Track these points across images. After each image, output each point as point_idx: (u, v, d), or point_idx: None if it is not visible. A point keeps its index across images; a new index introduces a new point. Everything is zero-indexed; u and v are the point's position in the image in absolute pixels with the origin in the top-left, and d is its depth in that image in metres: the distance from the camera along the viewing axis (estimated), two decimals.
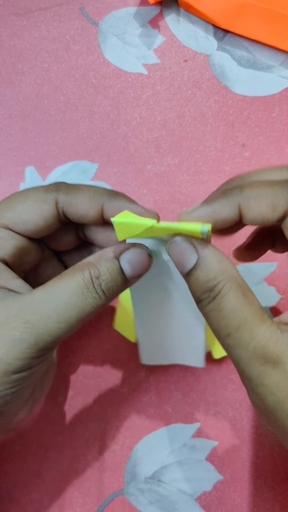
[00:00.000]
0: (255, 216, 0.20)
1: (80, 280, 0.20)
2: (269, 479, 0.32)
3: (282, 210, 0.20)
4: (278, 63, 0.34)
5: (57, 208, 0.23)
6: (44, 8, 0.35)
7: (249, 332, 0.19)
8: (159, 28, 0.34)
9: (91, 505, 0.32)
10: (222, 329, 0.19)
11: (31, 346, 0.20)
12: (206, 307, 0.20)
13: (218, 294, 0.20)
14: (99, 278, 0.21)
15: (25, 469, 0.33)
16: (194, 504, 0.32)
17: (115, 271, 0.21)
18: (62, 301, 0.20)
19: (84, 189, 0.23)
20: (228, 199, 0.21)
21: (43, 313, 0.20)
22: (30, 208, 0.23)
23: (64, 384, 0.33)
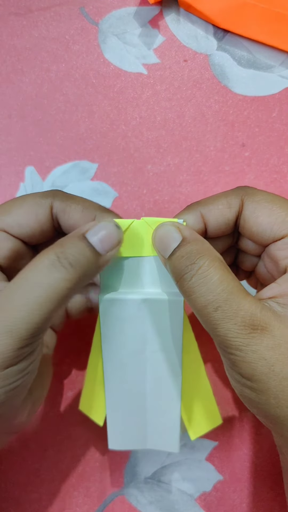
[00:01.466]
0: (216, 216, 0.23)
1: (44, 260, 0.20)
2: (268, 479, 0.32)
3: (236, 205, 0.23)
4: (278, 63, 0.34)
5: (52, 214, 0.24)
6: (44, 8, 0.35)
7: (236, 303, 0.20)
8: (159, 28, 0.34)
9: (91, 505, 0.32)
10: (210, 303, 0.20)
11: (6, 336, 0.19)
12: (191, 280, 0.20)
13: (202, 266, 0.20)
14: (64, 253, 0.21)
15: (24, 468, 0.33)
16: (194, 504, 0.32)
17: (82, 246, 0.21)
18: (28, 283, 0.20)
19: (79, 200, 0.24)
20: (190, 210, 0.24)
21: (14, 299, 0.20)
22: (26, 212, 0.23)
23: (64, 384, 0.33)
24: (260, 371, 0.19)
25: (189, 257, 0.21)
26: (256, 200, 0.23)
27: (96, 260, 0.22)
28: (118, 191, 0.34)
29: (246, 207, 0.23)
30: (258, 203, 0.23)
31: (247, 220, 0.23)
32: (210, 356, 0.32)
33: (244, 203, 0.23)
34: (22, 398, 0.23)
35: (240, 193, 0.24)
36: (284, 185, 0.33)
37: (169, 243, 0.21)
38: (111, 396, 0.26)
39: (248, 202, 0.23)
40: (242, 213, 0.23)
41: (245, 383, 0.20)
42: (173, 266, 0.21)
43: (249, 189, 0.24)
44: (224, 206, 0.23)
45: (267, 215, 0.23)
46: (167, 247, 0.21)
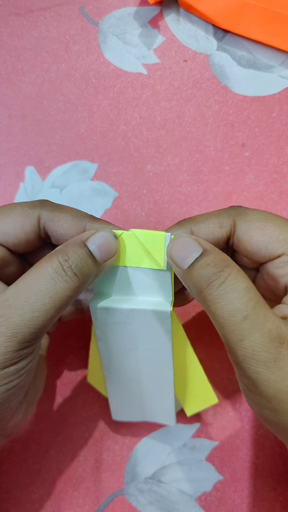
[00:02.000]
0: (206, 234, 0.23)
1: (48, 267, 0.21)
2: (269, 480, 0.32)
3: (228, 225, 0.23)
4: (278, 63, 0.34)
5: (39, 224, 0.24)
6: (44, 8, 0.35)
7: (263, 314, 0.19)
8: (159, 28, 0.34)
9: (91, 505, 0.32)
10: (238, 311, 0.19)
11: (9, 338, 0.20)
12: (219, 288, 0.20)
13: (231, 274, 0.20)
14: (68, 261, 0.21)
15: (25, 469, 0.33)
16: (194, 505, 0.32)
17: (83, 254, 0.22)
18: (32, 290, 0.20)
19: (67, 210, 0.24)
20: (181, 226, 0.24)
21: (16, 304, 0.20)
22: (12, 221, 0.24)
23: (64, 384, 0.33)
24: (284, 392, 0.19)
25: (216, 265, 0.20)
26: (249, 220, 0.23)
27: (95, 269, 0.22)
28: (118, 191, 0.34)
29: (239, 227, 0.23)
30: (251, 222, 0.23)
31: (241, 240, 0.23)
32: (212, 357, 0.32)
33: (236, 223, 0.23)
34: (19, 399, 0.23)
35: (232, 213, 0.23)
36: (284, 185, 0.33)
37: (189, 253, 0.21)
38: (109, 379, 0.28)
39: (240, 222, 0.23)
40: (235, 233, 0.23)
41: (265, 405, 0.20)
42: (197, 274, 0.21)
43: (241, 209, 0.24)
44: (215, 225, 0.23)
45: (261, 234, 0.22)
46: (187, 257, 0.21)
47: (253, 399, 0.20)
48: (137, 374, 0.27)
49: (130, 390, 0.28)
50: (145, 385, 0.28)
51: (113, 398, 0.29)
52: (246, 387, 0.21)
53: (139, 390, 0.28)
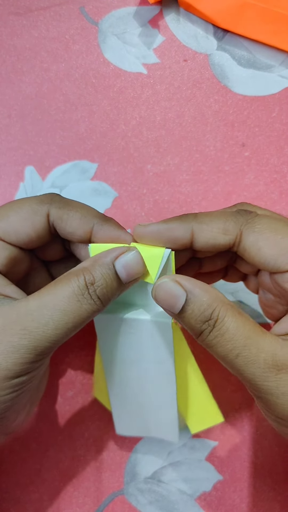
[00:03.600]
0: (207, 238, 0.22)
1: (75, 286, 0.21)
2: (268, 479, 0.32)
3: (233, 233, 0.22)
4: (278, 63, 0.34)
5: (48, 221, 0.23)
6: (44, 8, 0.35)
7: (256, 347, 0.19)
8: (159, 27, 0.34)
9: (91, 505, 0.32)
10: (230, 351, 0.20)
11: (30, 351, 0.20)
12: (209, 335, 0.20)
13: (217, 319, 0.20)
14: (93, 284, 0.21)
15: (25, 468, 0.33)
16: (194, 504, 0.32)
17: (110, 276, 0.21)
18: (58, 308, 0.20)
19: (77, 207, 0.23)
20: (183, 221, 0.22)
21: (41, 320, 0.20)
22: (22, 219, 0.23)
23: (64, 384, 0.33)
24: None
25: (202, 314, 0.20)
26: (257, 230, 0.22)
27: (119, 291, 0.22)
28: (118, 191, 0.34)
29: (247, 238, 0.22)
30: (259, 233, 0.22)
31: (248, 250, 0.22)
32: (210, 356, 0.32)
33: (243, 233, 0.22)
34: (25, 402, 0.23)
35: (240, 221, 0.22)
36: (284, 185, 0.33)
37: (175, 302, 0.21)
38: (113, 393, 0.28)
39: (248, 232, 0.22)
40: (241, 243, 0.22)
41: (283, 423, 0.20)
42: (188, 324, 0.21)
43: (250, 217, 0.22)
44: (220, 231, 0.22)
45: (270, 247, 0.21)
46: (174, 305, 0.21)
47: (270, 417, 0.21)
48: (140, 387, 0.27)
49: (133, 404, 0.28)
50: (148, 399, 0.28)
51: (116, 412, 0.29)
52: (261, 406, 0.21)
53: (142, 404, 0.28)
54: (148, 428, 0.29)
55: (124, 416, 0.29)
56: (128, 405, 0.28)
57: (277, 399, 0.19)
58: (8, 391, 0.20)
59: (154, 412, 0.28)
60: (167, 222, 0.23)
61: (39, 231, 0.23)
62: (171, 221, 0.23)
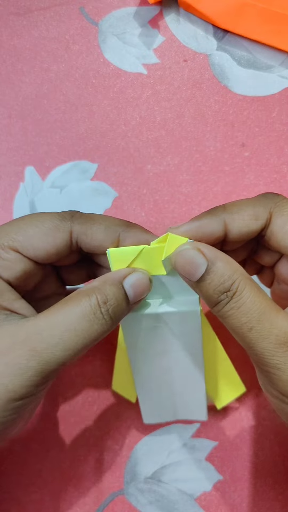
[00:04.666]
0: (240, 227, 0.22)
1: (86, 306, 0.20)
2: (269, 479, 0.32)
3: (264, 218, 0.22)
4: (278, 63, 0.34)
5: (71, 238, 0.23)
6: (44, 8, 0.35)
7: (269, 322, 0.20)
8: (158, 28, 0.34)
9: (91, 505, 0.32)
10: (244, 324, 0.20)
11: (37, 373, 0.20)
12: (225, 306, 0.20)
13: (236, 291, 0.20)
14: (106, 304, 0.21)
15: (26, 469, 0.33)
16: (194, 504, 0.32)
17: (120, 296, 0.21)
18: (68, 328, 0.20)
19: (99, 220, 0.23)
20: (214, 215, 0.22)
21: (50, 341, 0.20)
22: (43, 235, 0.22)
23: (64, 384, 0.33)
24: None
25: (221, 284, 0.20)
26: (286, 214, 0.22)
27: (127, 310, 0.22)
28: (118, 191, 0.34)
29: (275, 221, 0.22)
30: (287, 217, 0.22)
31: (275, 234, 0.22)
32: None
33: (272, 216, 0.22)
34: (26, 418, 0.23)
35: (269, 204, 0.22)
36: (284, 185, 0.33)
37: (195, 269, 0.21)
38: (139, 383, 0.28)
39: (277, 215, 0.22)
40: (270, 226, 0.22)
41: (283, 400, 0.20)
42: (206, 292, 0.21)
43: (279, 199, 0.23)
44: (251, 218, 0.22)
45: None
46: (194, 273, 0.21)
47: (272, 393, 0.21)
48: (168, 375, 0.27)
49: (161, 392, 0.28)
50: (176, 385, 0.28)
51: (144, 402, 0.29)
52: (264, 382, 0.22)
53: (171, 391, 0.28)
54: (175, 412, 0.29)
55: (152, 404, 0.29)
56: (156, 394, 0.28)
57: (283, 374, 0.19)
58: (11, 412, 0.20)
59: (182, 395, 0.28)
60: (198, 219, 0.23)
61: (59, 248, 0.23)
62: (202, 217, 0.23)
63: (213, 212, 0.23)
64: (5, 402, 0.19)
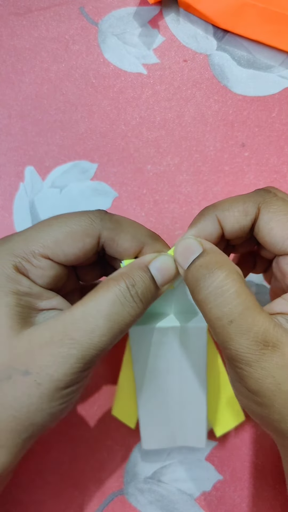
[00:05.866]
0: (232, 223, 0.23)
1: (117, 291, 0.21)
2: (269, 479, 0.32)
3: (253, 213, 0.23)
4: (278, 63, 0.34)
5: (99, 242, 0.23)
6: (44, 8, 0.35)
7: (252, 318, 0.20)
8: (158, 28, 0.34)
9: (91, 505, 0.32)
10: (225, 315, 0.20)
11: (79, 360, 0.20)
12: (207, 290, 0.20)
13: (220, 276, 0.20)
14: (134, 286, 0.21)
15: (26, 469, 0.33)
16: (194, 504, 0.32)
17: (148, 279, 0.22)
18: (102, 314, 0.20)
19: (128, 227, 0.24)
20: (206, 216, 0.23)
21: (86, 328, 0.20)
22: (73, 241, 0.23)
23: None
24: (266, 388, 0.19)
25: (207, 266, 0.21)
26: (272, 211, 0.22)
27: (156, 294, 0.23)
28: (118, 191, 0.34)
29: (262, 216, 0.23)
30: (274, 213, 0.22)
31: (261, 230, 0.23)
32: None
33: (260, 212, 0.23)
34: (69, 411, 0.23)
35: (258, 200, 0.23)
36: (284, 185, 0.33)
37: (189, 255, 0.22)
38: (143, 404, 0.28)
39: (264, 211, 0.23)
40: (257, 222, 0.23)
41: (251, 397, 0.20)
42: (191, 275, 0.21)
43: (268, 196, 0.23)
44: (241, 214, 0.23)
45: (281, 228, 0.22)
46: (187, 258, 0.22)
47: (240, 390, 0.21)
48: (171, 396, 0.27)
49: (163, 415, 0.28)
50: (178, 408, 0.28)
51: (145, 426, 0.29)
52: (233, 379, 0.22)
53: (172, 414, 0.28)
54: (174, 438, 0.29)
55: (152, 429, 0.29)
56: (157, 417, 0.28)
57: (254, 371, 0.19)
58: (59, 401, 0.21)
59: (182, 420, 0.28)
60: (194, 226, 0.23)
61: (88, 252, 0.23)
62: (196, 222, 0.23)
63: (205, 214, 0.24)
64: (52, 391, 0.20)
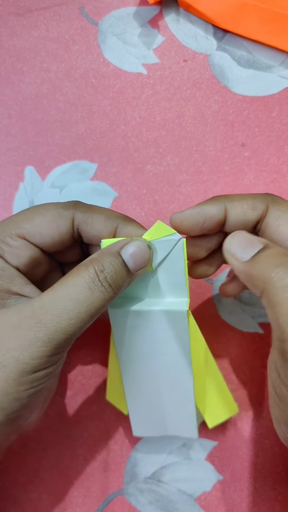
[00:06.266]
0: (238, 214, 0.24)
1: (85, 276, 0.21)
2: (269, 479, 0.32)
3: (261, 209, 0.24)
4: (278, 63, 0.34)
5: (73, 225, 0.24)
6: (44, 8, 0.35)
7: None
8: (158, 28, 0.34)
9: (90, 505, 0.32)
10: None
11: (45, 344, 0.20)
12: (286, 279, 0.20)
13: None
14: (103, 272, 0.22)
15: (24, 468, 0.33)
16: (194, 504, 0.32)
17: (118, 264, 0.22)
18: (70, 298, 0.21)
19: (100, 211, 0.25)
20: (216, 201, 0.24)
21: (54, 312, 0.21)
22: (48, 222, 0.24)
23: (63, 383, 0.33)
24: None
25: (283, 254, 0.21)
26: (282, 209, 0.24)
27: (128, 279, 0.23)
28: (118, 191, 0.34)
29: (270, 214, 0.24)
30: (282, 212, 0.23)
31: (268, 226, 0.24)
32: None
33: (269, 209, 0.24)
34: (41, 400, 0.23)
35: (267, 199, 0.24)
36: (283, 185, 0.33)
37: (252, 246, 0.22)
38: (129, 391, 0.28)
39: (273, 209, 0.24)
40: (265, 219, 0.24)
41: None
42: (264, 263, 0.21)
43: (277, 198, 0.24)
44: (249, 207, 0.24)
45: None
46: (250, 249, 0.22)
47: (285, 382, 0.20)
48: (156, 383, 0.27)
49: (150, 402, 0.28)
50: (165, 395, 0.28)
51: (133, 412, 0.29)
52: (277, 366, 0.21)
53: (160, 401, 0.28)
54: (165, 427, 0.29)
55: (142, 416, 0.29)
56: (145, 404, 0.28)
57: None
58: (26, 386, 0.21)
59: (171, 408, 0.28)
60: (201, 204, 0.24)
61: (63, 235, 0.24)
62: (205, 203, 0.24)
63: (216, 198, 0.25)
64: (18, 375, 0.20)
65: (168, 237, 0.24)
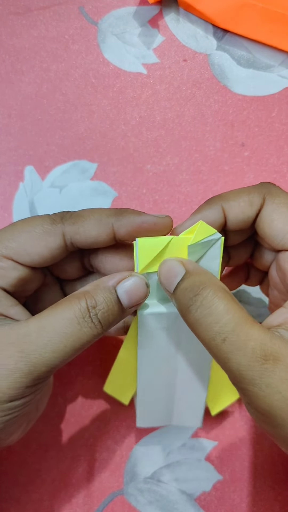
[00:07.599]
0: (236, 213, 0.23)
1: (76, 309, 0.20)
2: (268, 479, 0.32)
3: (258, 204, 0.23)
4: (278, 63, 0.34)
5: (65, 240, 0.23)
6: (43, 8, 0.35)
7: (245, 333, 0.19)
8: (158, 27, 0.34)
9: (91, 505, 0.32)
10: (217, 334, 0.19)
11: (25, 375, 0.20)
12: (196, 313, 0.20)
13: (207, 296, 0.19)
14: (95, 308, 0.21)
15: (24, 468, 0.33)
16: (194, 504, 0.32)
17: (111, 301, 0.21)
18: (57, 331, 0.20)
19: (89, 215, 0.23)
20: (212, 204, 0.23)
21: (38, 343, 0.20)
22: (35, 240, 0.22)
23: (64, 384, 0.33)
24: (276, 406, 0.18)
25: (192, 289, 0.20)
26: (276, 202, 0.22)
27: (120, 316, 0.22)
28: (118, 191, 0.34)
29: (266, 207, 0.23)
30: (277, 205, 0.22)
31: (263, 220, 0.23)
32: None
33: (265, 202, 0.23)
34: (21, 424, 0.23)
35: (263, 191, 0.23)
36: (283, 185, 0.33)
37: (173, 278, 0.21)
38: (142, 382, 0.27)
39: (268, 202, 0.23)
40: (261, 212, 0.23)
41: (263, 419, 0.19)
42: (178, 300, 0.21)
43: (273, 188, 0.23)
44: (246, 204, 0.23)
45: (283, 221, 0.22)
46: (172, 282, 0.21)
47: (252, 413, 0.20)
48: (173, 377, 0.27)
49: (161, 394, 0.28)
50: (179, 388, 0.28)
51: (141, 404, 0.28)
52: (244, 401, 0.21)
53: (172, 394, 0.28)
54: (170, 417, 0.29)
55: (149, 407, 0.29)
56: (156, 396, 0.28)
57: (259, 390, 0.18)
58: (2, 413, 0.20)
59: (182, 399, 0.28)
60: (198, 212, 0.23)
61: (53, 251, 0.23)
62: (201, 210, 0.23)
63: (210, 203, 0.23)
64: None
65: (209, 238, 0.23)
